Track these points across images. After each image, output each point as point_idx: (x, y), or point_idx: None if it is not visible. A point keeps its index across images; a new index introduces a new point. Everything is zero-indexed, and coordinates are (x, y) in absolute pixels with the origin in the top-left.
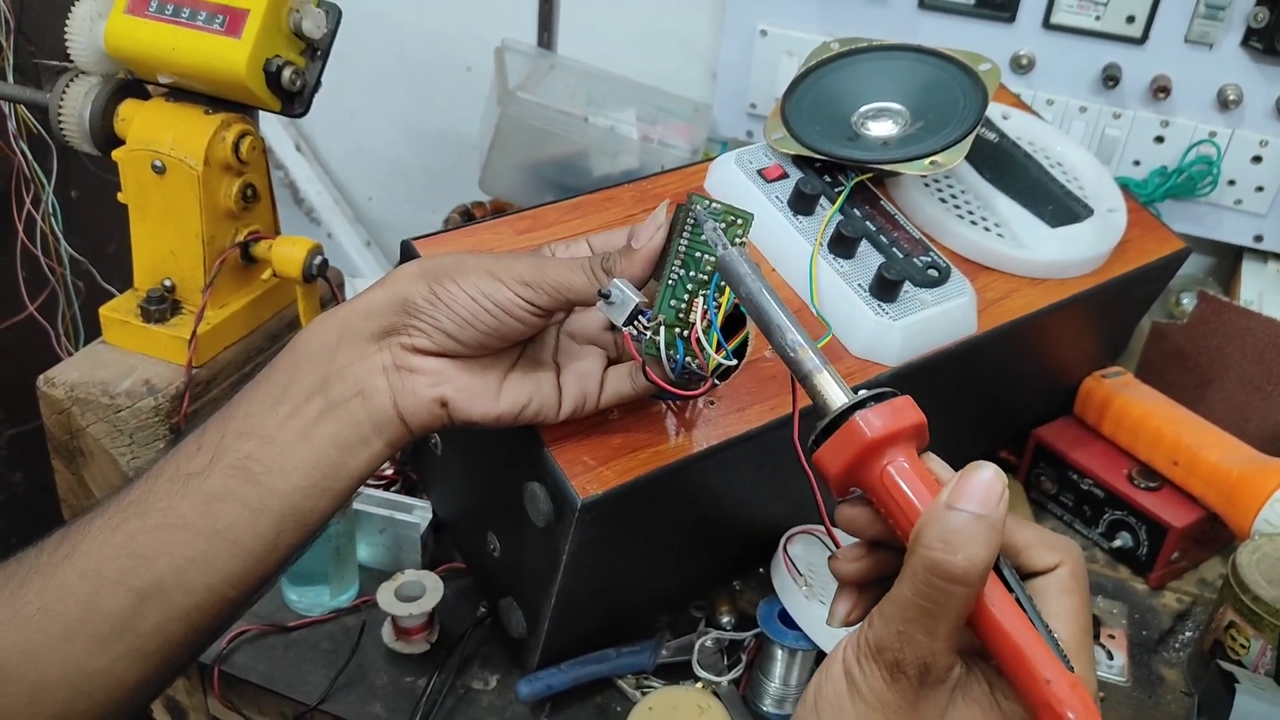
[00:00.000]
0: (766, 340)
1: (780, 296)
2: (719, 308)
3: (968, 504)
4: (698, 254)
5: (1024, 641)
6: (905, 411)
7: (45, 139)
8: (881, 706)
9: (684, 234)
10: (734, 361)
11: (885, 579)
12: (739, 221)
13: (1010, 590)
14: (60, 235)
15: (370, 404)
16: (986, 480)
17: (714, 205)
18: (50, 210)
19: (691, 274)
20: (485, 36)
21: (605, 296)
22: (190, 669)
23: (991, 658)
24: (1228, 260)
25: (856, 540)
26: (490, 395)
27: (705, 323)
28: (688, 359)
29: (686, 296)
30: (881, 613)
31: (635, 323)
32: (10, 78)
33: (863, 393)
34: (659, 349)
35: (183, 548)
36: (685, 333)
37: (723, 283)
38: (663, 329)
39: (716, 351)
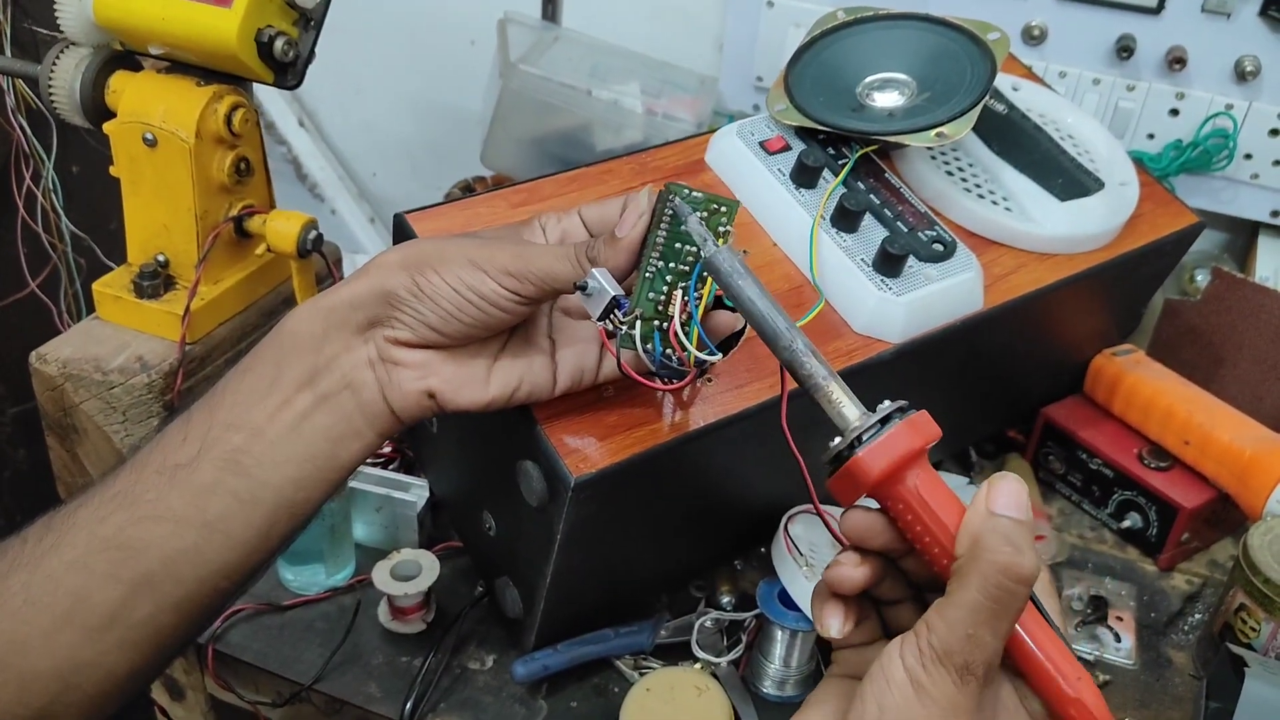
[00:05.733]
0: (767, 348)
1: (777, 296)
2: (699, 300)
3: (1014, 510)
4: (677, 245)
5: (1048, 642)
6: (925, 428)
7: (45, 114)
8: (953, 709)
9: (662, 225)
10: (716, 356)
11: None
12: (722, 210)
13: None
14: (61, 211)
15: (359, 397)
16: (1017, 487)
17: (694, 194)
18: (50, 186)
19: (671, 265)
20: (489, 9)
21: (582, 288)
22: (182, 655)
23: (1011, 657)
24: (1243, 236)
25: (849, 549)
26: (478, 382)
27: (685, 315)
28: (666, 352)
29: (665, 289)
30: (946, 618)
31: (611, 316)
32: (8, 50)
33: (882, 407)
34: (635, 343)
35: (173, 540)
36: (664, 325)
37: (704, 274)
38: (639, 322)
39: (698, 348)
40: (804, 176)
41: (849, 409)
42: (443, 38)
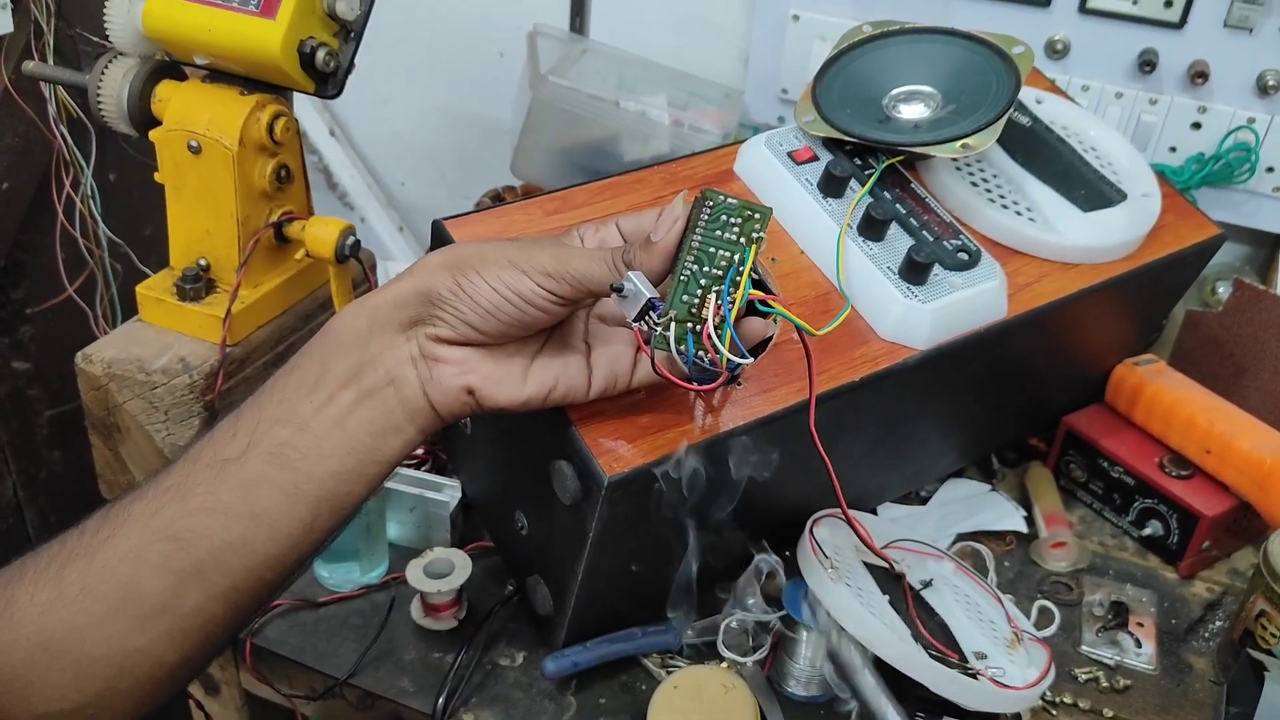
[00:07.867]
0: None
1: (804, 302)
2: (733, 304)
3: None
4: (711, 249)
5: None
6: None
7: (85, 122)
8: None
9: (697, 230)
10: (748, 359)
11: None
12: (756, 216)
13: None
14: (99, 218)
15: (401, 393)
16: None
17: (728, 200)
18: (89, 193)
19: (705, 269)
20: (518, 21)
21: (618, 290)
22: (228, 648)
23: None
24: (1265, 248)
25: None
26: (516, 381)
27: (719, 318)
28: (699, 354)
29: (699, 292)
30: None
31: (646, 318)
32: (51, 60)
33: None
34: (668, 344)
35: (221, 531)
36: (697, 328)
37: (737, 278)
38: (673, 324)
39: (730, 349)
40: (831, 186)
41: None
42: (471, 49)
